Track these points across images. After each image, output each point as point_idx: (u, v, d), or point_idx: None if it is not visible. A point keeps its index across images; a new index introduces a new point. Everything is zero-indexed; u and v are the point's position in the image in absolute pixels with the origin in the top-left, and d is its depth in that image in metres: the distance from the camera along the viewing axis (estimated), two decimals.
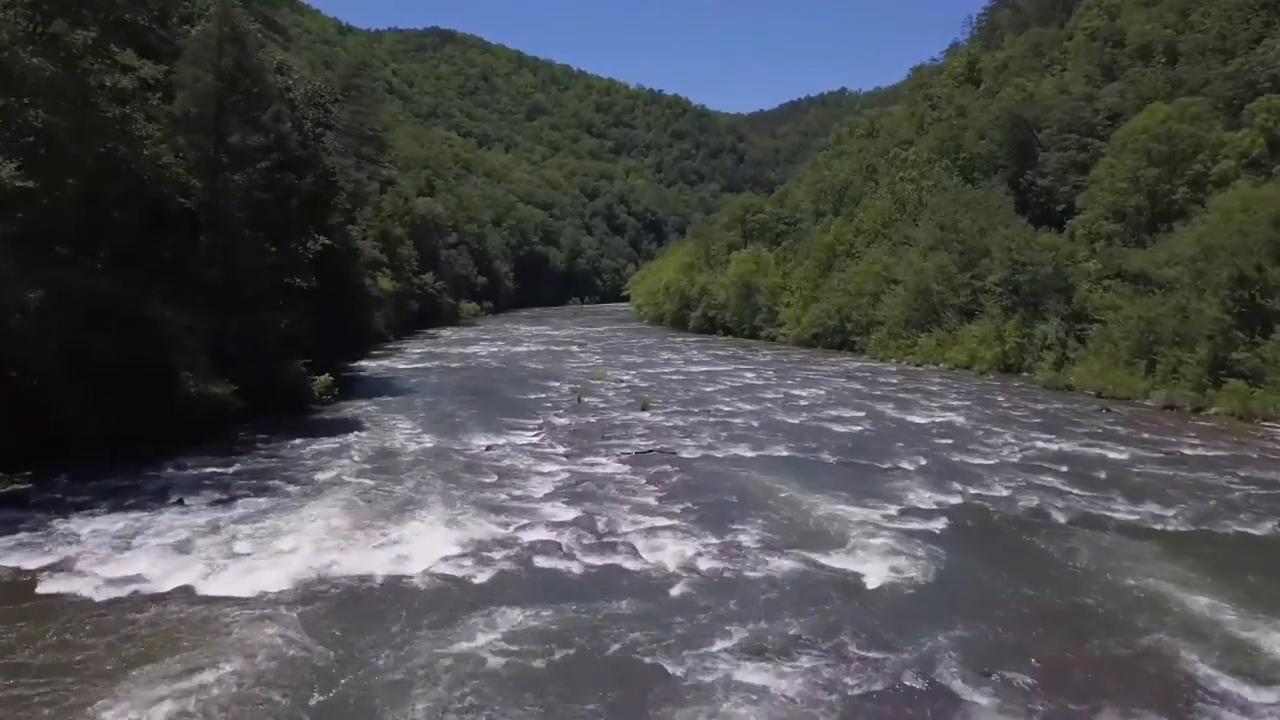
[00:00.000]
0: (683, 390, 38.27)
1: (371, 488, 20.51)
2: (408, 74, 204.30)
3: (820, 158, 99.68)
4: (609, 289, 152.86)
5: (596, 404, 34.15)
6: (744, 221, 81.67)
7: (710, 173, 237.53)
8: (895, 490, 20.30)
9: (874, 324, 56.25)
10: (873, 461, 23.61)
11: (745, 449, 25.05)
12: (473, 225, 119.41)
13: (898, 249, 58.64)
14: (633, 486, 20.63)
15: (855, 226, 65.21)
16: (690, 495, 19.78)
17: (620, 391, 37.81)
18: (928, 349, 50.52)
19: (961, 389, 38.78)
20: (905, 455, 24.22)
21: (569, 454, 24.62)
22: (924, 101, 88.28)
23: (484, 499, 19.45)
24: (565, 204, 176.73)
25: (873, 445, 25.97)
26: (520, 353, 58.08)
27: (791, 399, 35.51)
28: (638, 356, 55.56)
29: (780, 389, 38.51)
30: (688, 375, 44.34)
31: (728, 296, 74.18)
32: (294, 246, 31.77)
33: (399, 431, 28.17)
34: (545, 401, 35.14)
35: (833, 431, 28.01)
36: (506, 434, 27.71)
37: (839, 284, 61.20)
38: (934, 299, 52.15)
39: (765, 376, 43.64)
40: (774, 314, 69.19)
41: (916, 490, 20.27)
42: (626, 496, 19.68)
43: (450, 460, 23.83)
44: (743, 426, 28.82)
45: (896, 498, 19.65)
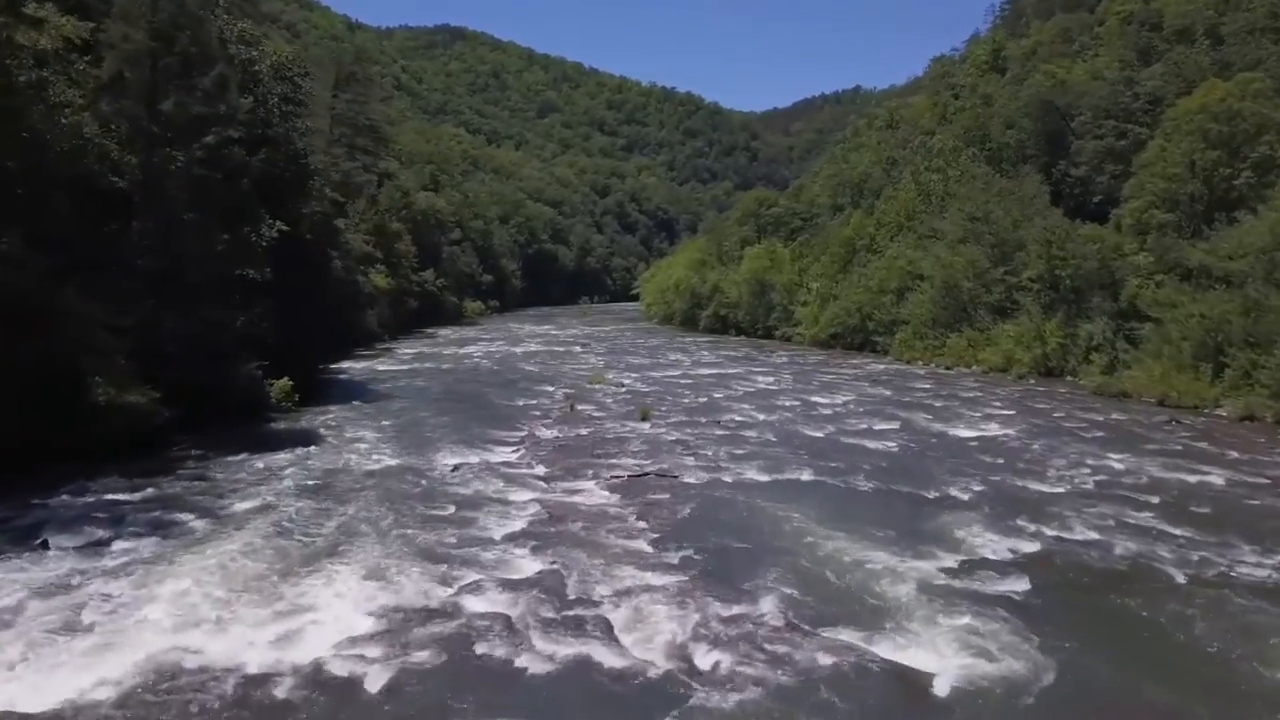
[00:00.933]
0: (689, 396, 34.01)
1: (296, 523, 16.34)
2: (416, 71, 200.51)
3: (838, 151, 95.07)
4: (619, 288, 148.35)
5: (591, 413, 29.93)
6: (758, 216, 77.28)
7: (723, 171, 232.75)
8: (951, 531, 15.96)
9: (898, 323, 51.85)
10: (917, 489, 19.27)
11: (760, 471, 20.76)
12: (478, 222, 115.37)
13: (923, 243, 54.19)
14: (618, 524, 16.39)
15: (876, 220, 60.78)
16: (690, 538, 15.52)
17: (619, 398, 33.58)
18: (958, 350, 46.09)
19: (1002, 395, 34.35)
20: (954, 480, 19.88)
21: (548, 477, 20.40)
22: (946, 91, 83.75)
23: (429, 541, 15.24)
24: (575, 202, 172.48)
25: (913, 466, 21.63)
26: (518, 354, 53.95)
27: (812, 407, 31.20)
28: (643, 358, 51.34)
29: (798, 395, 34.20)
30: (696, 379, 40.07)
31: (740, 294, 69.82)
32: (247, 233, 27.62)
33: (358, 445, 24.03)
34: (534, 409, 30.96)
35: (863, 448, 23.67)
36: (481, 449, 23.53)
37: (859, 280, 56.84)
38: (964, 296, 47.70)
39: (781, 380, 39.33)
40: (789, 313, 64.83)
41: (978, 531, 15.94)
42: (609, 539, 15.44)
43: (405, 484, 19.65)
44: (757, 441, 24.52)
45: (954, 542, 15.33)
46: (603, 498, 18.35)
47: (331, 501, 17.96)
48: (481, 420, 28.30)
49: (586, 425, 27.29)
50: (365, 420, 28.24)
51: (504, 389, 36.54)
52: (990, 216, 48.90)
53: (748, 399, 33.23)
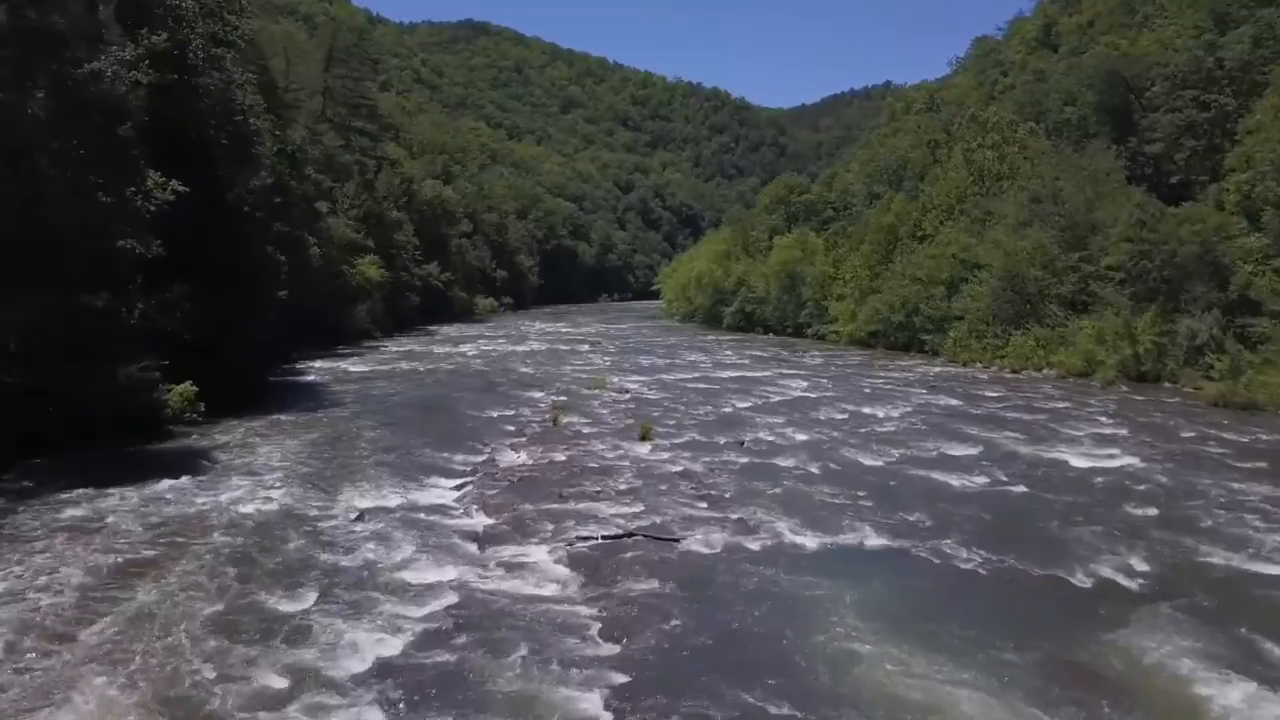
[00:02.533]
0: (706, 407, 27.08)
1: (34, 623, 9.67)
2: (437, 65, 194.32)
3: (873, 136, 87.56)
4: (641, 286, 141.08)
5: (579, 428, 23.08)
6: (787, 203, 70.06)
7: (750, 167, 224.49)
8: (1140, 661, 8.96)
9: (950, 319, 44.59)
10: (1050, 564, 12.20)
11: (801, 528, 13.81)
12: (492, 215, 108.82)
13: (978, 227, 46.85)
14: (558, 648, 9.49)
15: (922, 204, 53.39)
16: (686, 689, 8.61)
17: (619, 408, 26.69)
18: (1025, 351, 38.77)
19: (1097, 407, 27.07)
20: (1101, 546, 12.83)
21: (487, 536, 13.58)
22: (994, 69, 76.23)
23: (208, 684, 8.48)
24: (597, 197, 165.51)
25: (1027, 520, 14.58)
26: (518, 353, 47.25)
27: (861, 422, 24.15)
28: (657, 358, 44.43)
29: (842, 406, 27.13)
30: (715, 384, 33.12)
31: (768, 288, 62.66)
32: (132, 195, 21.00)
33: (250, 477, 17.36)
34: (509, 423, 24.19)
35: (945, 488, 16.62)
36: (414, 484, 16.81)
37: (904, 271, 49.55)
38: (1030, 287, 40.33)
39: (819, 386, 32.28)
40: (822, 308, 57.66)
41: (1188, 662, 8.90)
42: (532, 691, 8.54)
43: (268, 546, 12.95)
44: (794, 476, 17.54)
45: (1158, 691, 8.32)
46: (554, 583, 11.47)
47: (128, 578, 11.28)
48: (436, 439, 21.56)
49: (568, 447, 20.42)
50: (285, 438, 21.60)
51: (483, 395, 29.80)
52: (1059, 195, 41.54)
53: (779, 410, 26.22)
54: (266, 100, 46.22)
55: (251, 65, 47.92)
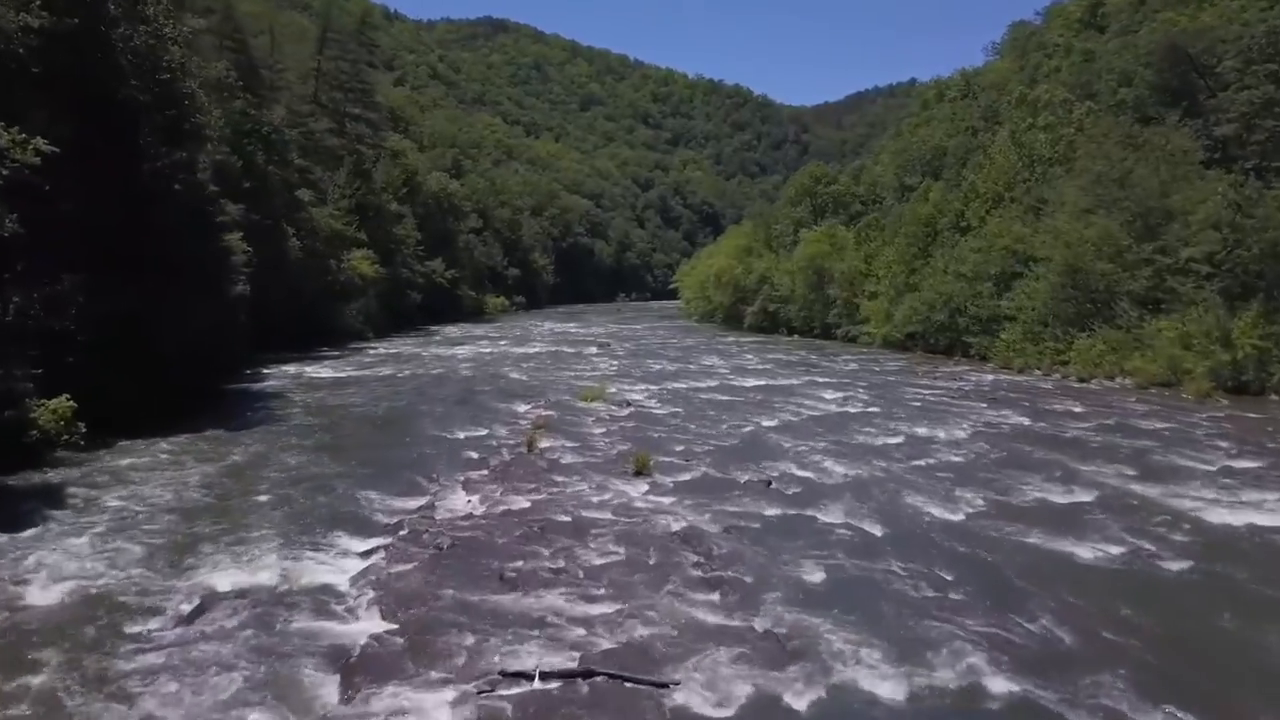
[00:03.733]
0: (722, 425, 21.89)
1: None
2: (454, 61, 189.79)
3: (904, 126, 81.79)
4: (660, 285, 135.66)
5: (558, 456, 17.93)
6: (813, 195, 64.60)
7: (772, 165, 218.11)
8: None
9: (1000, 319, 39.14)
10: None
11: (865, 657, 8.55)
12: (505, 211, 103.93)
13: (1031, 217, 41.32)
14: None
15: (965, 193, 47.84)
16: None
17: (614, 428, 21.53)
18: (1092, 355, 33.25)
19: (1212, 428, 21.55)
20: None
21: (358, 665, 8.44)
22: (1035, 52, 70.37)
23: None
24: (615, 195, 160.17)
25: (1227, 635, 9.28)
26: (516, 356, 42.22)
27: (919, 449, 18.86)
28: (669, 362, 39.25)
29: (890, 424, 21.84)
30: (734, 395, 27.92)
31: (794, 286, 57.29)
32: None
33: (84, 534, 12.41)
34: (476, 447, 19.12)
35: (1074, 567, 11.32)
36: (307, 549, 11.81)
37: (945, 266, 44.12)
38: (1096, 282, 34.80)
39: (857, 398, 26.96)
40: (853, 307, 52.29)
41: None
42: None
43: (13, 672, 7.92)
44: (843, 541, 12.32)
45: None
46: None
47: None
48: (375, 470, 16.54)
49: (536, 487, 15.28)
50: (183, 469, 16.67)
51: (457, 408, 24.75)
52: (1129, 179, 35.96)
53: (811, 431, 20.97)
54: (244, 79, 41.65)
55: (227, 40, 43.48)
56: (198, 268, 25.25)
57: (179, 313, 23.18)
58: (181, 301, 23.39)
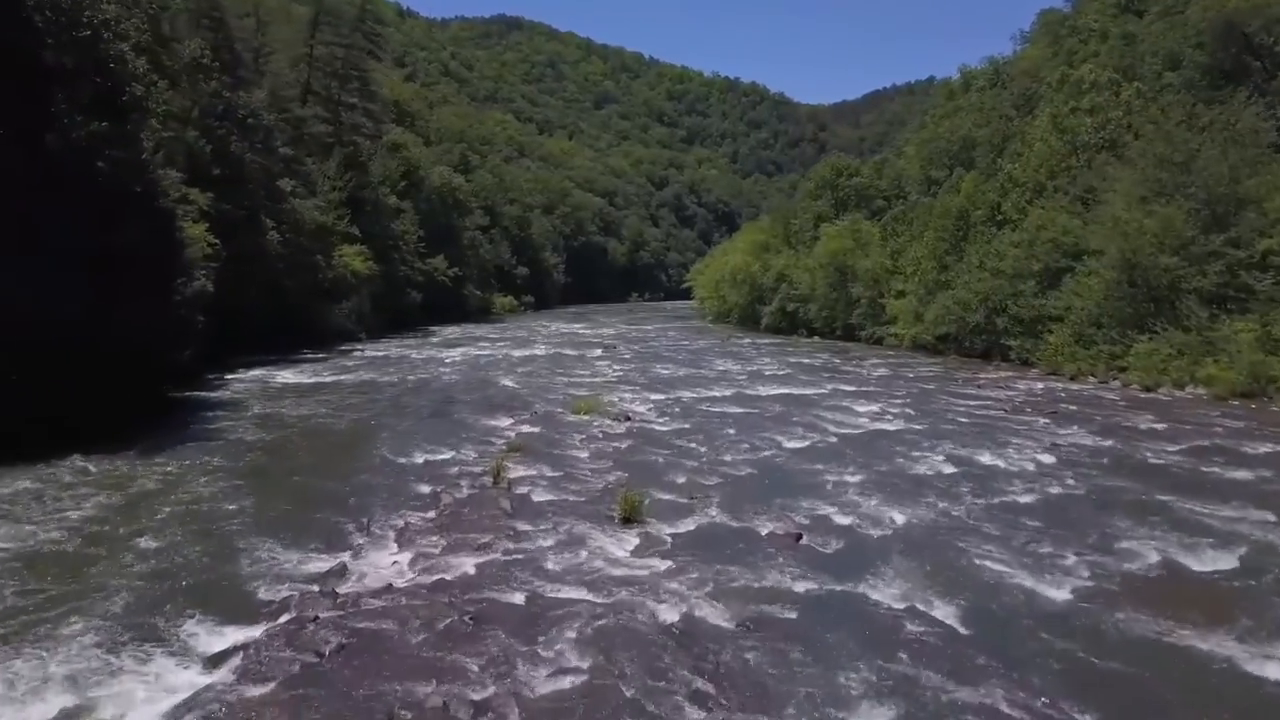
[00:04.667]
0: (736, 445, 18.11)
1: None
2: (467, 58, 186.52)
3: (929, 118, 77.57)
4: (674, 285, 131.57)
5: (530, 491, 14.18)
6: (835, 188, 60.59)
7: (789, 163, 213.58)
8: None
9: (1045, 319, 35.16)
10: None
11: None
12: (515, 208, 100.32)
13: (1078, 207, 37.28)
14: None
15: (1002, 183, 43.79)
16: None
17: (605, 451, 17.74)
18: (1155, 361, 29.21)
19: None
20: None
21: None
22: (1070, 36, 66.06)
23: None
24: (629, 193, 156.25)
25: None
26: (513, 359, 38.53)
27: (985, 483, 14.98)
28: (679, 367, 35.46)
29: (941, 447, 17.96)
30: (752, 406, 24.10)
31: (814, 284, 53.37)
32: None
33: None
34: (431, 476, 15.42)
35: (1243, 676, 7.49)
36: (123, 650, 8.13)
37: (981, 262, 40.15)
38: (1159, 278, 30.76)
39: (895, 411, 23.08)
40: (878, 307, 48.38)
41: None
42: None
43: None
44: (905, 634, 8.52)
45: None
46: None
47: None
48: (292, 510, 12.90)
49: (490, 540, 11.53)
50: (68, 501, 13.11)
51: (427, 424, 21.09)
52: (1195, 162, 31.87)
53: (847, 456, 17.14)
54: (221, 59, 38.22)
55: (204, 17, 40.06)
56: (138, 260, 21.74)
57: (110, 312, 19.67)
58: (113, 299, 19.88)
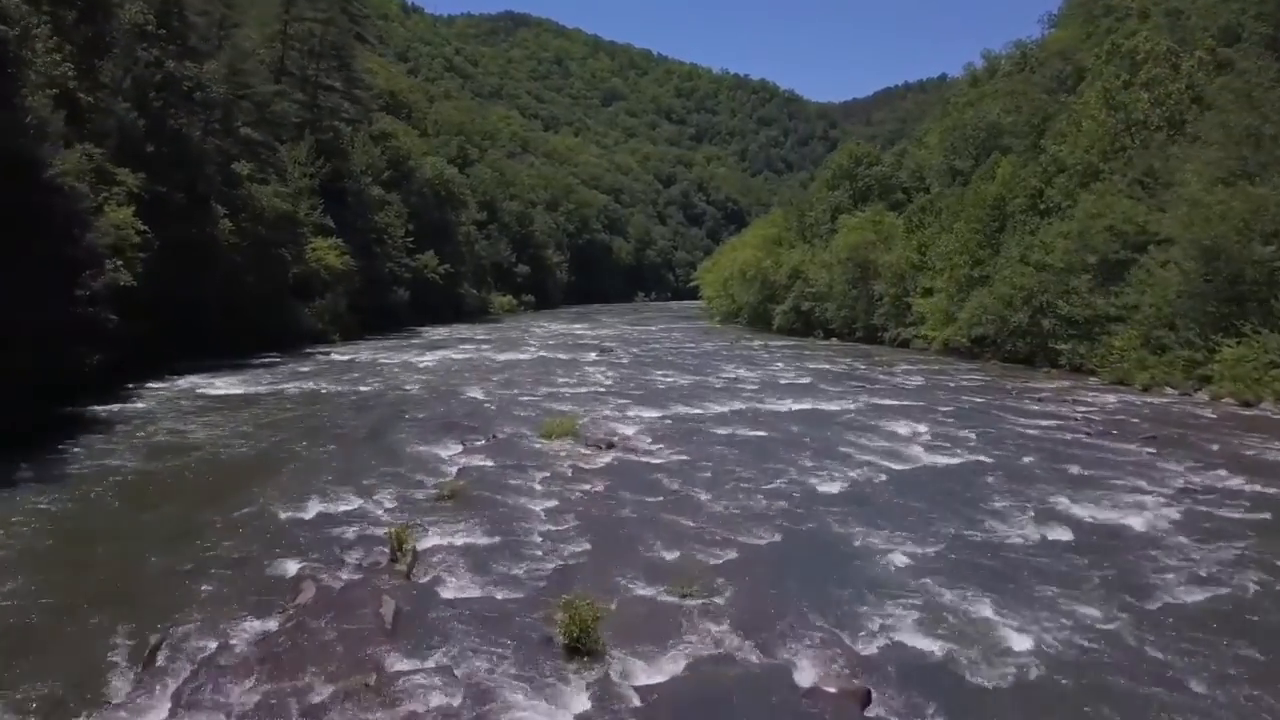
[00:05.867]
0: (750, 491, 13.22)
1: None
2: (472, 54, 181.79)
3: (951, 106, 72.39)
4: (682, 284, 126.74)
5: (437, 580, 9.31)
6: (853, 178, 55.56)
7: (799, 161, 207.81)
8: None
9: (1104, 320, 30.15)
10: None
11: None
12: (515, 204, 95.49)
13: (1138, 191, 32.23)
14: None
15: (1045, 166, 38.74)
16: None
17: (571, 497, 12.84)
18: (1249, 370, 24.16)
19: None
20: None
21: None
22: (1105, 16, 60.77)
23: None
24: (636, 190, 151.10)
25: None
26: (494, 365, 33.70)
27: (1119, 562, 10.05)
28: (682, 374, 30.52)
29: (1028, 494, 13.00)
30: (768, 428, 19.17)
31: (831, 281, 48.39)
32: None
33: None
34: (310, 547, 10.58)
35: None
36: None
37: (1023, 254, 35.16)
38: (1250, 271, 25.73)
39: (945, 434, 18.10)
40: (903, 305, 43.42)
41: None
42: None
43: None
44: None
45: None
46: None
47: None
48: (29, 632, 8.04)
49: (338, 702, 6.68)
50: None
51: (353, 454, 16.24)
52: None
53: (909, 512, 12.20)
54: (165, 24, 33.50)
55: None
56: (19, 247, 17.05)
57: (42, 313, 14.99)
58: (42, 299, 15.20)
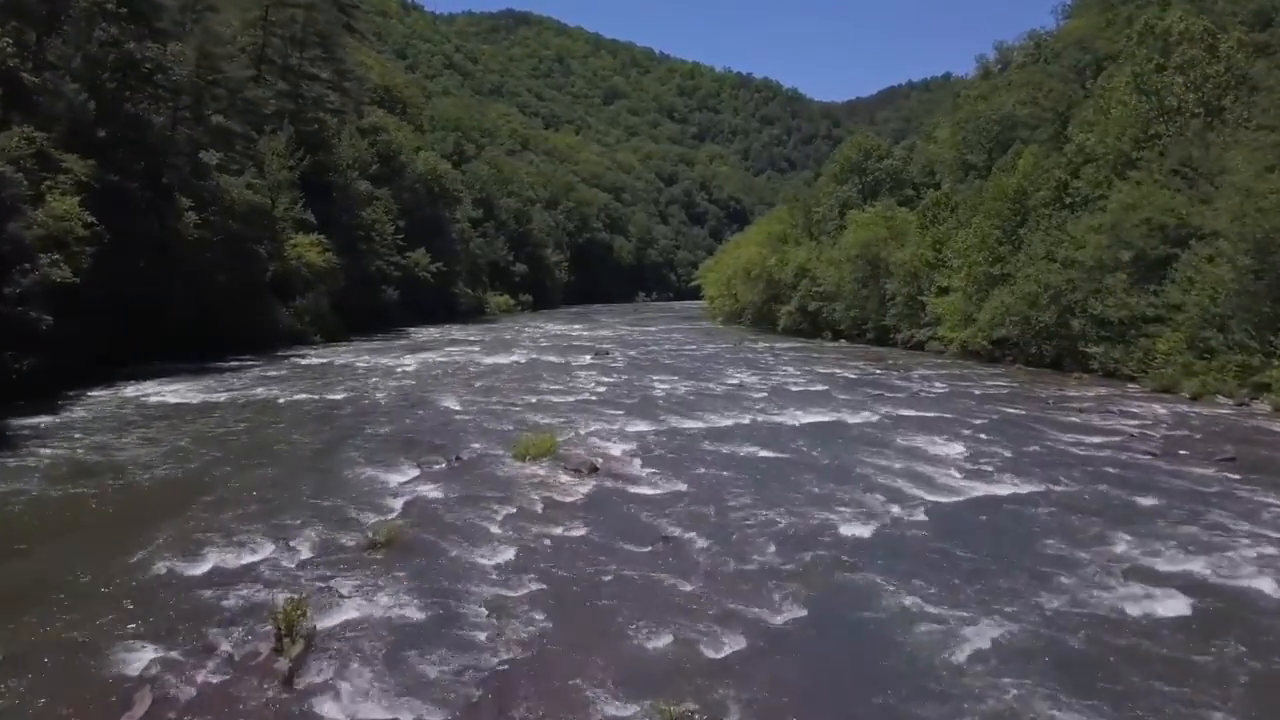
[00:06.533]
0: (760, 536, 10.62)
1: None
2: (472, 52, 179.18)
3: (962, 100, 69.72)
4: (684, 284, 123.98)
5: (328, 687, 6.73)
6: (863, 171, 52.93)
7: (803, 160, 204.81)
8: None
9: (1140, 321, 27.53)
10: None
11: None
12: (513, 201, 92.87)
13: (1177, 182, 29.56)
14: None
15: (1070, 157, 36.11)
16: None
17: (538, 544, 10.28)
18: None
19: None
20: None
21: None
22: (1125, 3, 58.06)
23: None
24: (637, 189, 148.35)
25: None
26: (478, 370, 31.13)
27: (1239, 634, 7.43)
28: (682, 380, 27.87)
29: (1111, 539, 10.41)
30: (779, 447, 16.58)
31: (840, 279, 45.74)
32: None
33: None
34: (186, 619, 7.98)
35: None
36: None
37: (1048, 251, 32.58)
38: None
39: (984, 453, 15.50)
40: (917, 305, 40.81)
41: None
42: None
43: None
44: None
45: None
46: None
47: None
48: None
49: None
50: None
51: (286, 481, 13.68)
52: None
53: (959, 569, 9.59)
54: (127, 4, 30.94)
55: None
56: None
57: None
58: None
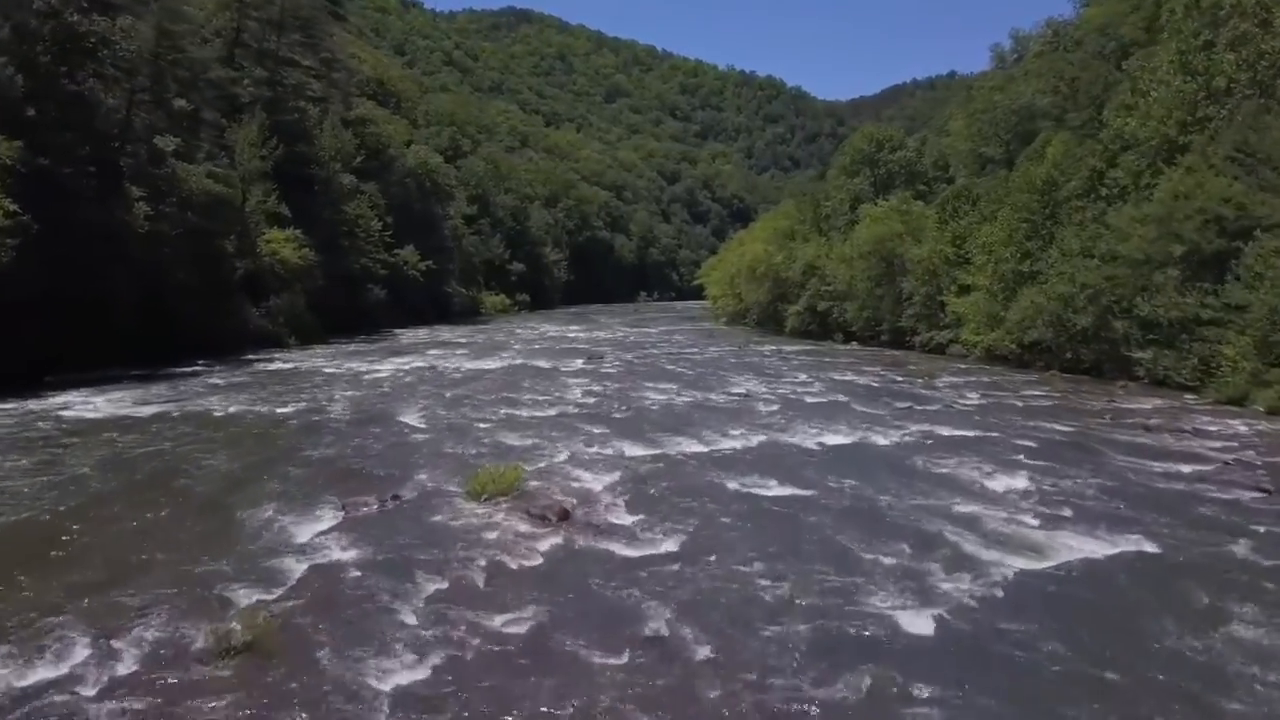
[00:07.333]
0: (785, 604, 7.57)
1: None
2: (472, 49, 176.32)
3: (976, 91, 66.54)
4: (686, 283, 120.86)
5: None
6: (874, 163, 49.79)
7: (807, 158, 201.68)
8: None
9: (1194, 324, 24.38)
10: None
11: None
12: (509, 198, 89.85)
13: (1235, 169, 26.40)
14: None
15: (1105, 143, 32.96)
16: None
17: (463, 646, 7.18)
18: None
19: None
20: None
21: None
22: None
23: None
24: (639, 187, 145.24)
25: None
26: (455, 377, 28.08)
27: None
28: (681, 389, 24.76)
29: (1270, 619, 7.28)
30: (794, 482, 13.54)
31: (852, 277, 42.58)
32: None
33: None
34: None
35: None
36: None
37: (1084, 246, 29.46)
38: None
39: (1052, 489, 12.46)
40: (937, 306, 37.69)
41: None
42: None
43: None
44: None
45: None
46: None
47: None
48: None
49: None
50: None
51: (160, 535, 10.61)
52: None
53: (1057, 682, 6.51)
54: None
55: None
56: None
57: None
58: None
